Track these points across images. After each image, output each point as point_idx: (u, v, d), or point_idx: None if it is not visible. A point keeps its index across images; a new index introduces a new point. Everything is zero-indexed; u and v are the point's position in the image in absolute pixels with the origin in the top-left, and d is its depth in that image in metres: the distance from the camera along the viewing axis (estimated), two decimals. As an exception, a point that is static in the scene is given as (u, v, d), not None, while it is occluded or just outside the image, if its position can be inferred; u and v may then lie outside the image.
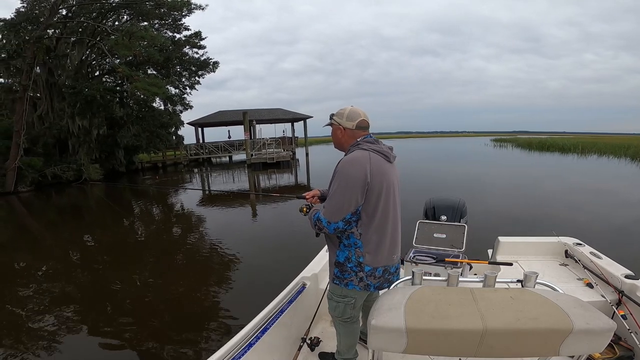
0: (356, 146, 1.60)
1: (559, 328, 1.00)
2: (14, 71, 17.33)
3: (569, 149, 29.16)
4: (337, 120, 1.67)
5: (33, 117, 17.08)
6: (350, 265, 1.61)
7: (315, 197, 1.91)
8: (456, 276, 1.44)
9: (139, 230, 9.16)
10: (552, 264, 2.92)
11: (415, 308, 1.11)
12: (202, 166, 27.34)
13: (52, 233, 9.23)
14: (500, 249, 3.06)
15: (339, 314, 1.73)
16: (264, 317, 1.92)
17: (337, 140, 1.71)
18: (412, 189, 9.95)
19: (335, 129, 1.69)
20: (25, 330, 3.89)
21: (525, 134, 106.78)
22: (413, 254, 2.57)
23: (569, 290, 1.72)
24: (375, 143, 1.60)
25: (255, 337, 1.78)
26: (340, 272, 1.65)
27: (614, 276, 2.32)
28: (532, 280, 1.40)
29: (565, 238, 3.12)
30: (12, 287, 5.24)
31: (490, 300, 1.13)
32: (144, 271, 5.75)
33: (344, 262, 1.62)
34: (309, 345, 2.14)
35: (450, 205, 3.02)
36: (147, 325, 3.91)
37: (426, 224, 2.82)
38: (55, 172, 16.99)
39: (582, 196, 10.33)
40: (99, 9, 17.97)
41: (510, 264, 2.22)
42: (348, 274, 1.62)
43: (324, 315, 2.41)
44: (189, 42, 22.11)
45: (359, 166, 1.51)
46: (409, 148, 44.34)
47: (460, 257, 2.48)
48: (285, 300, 2.14)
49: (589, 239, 3.07)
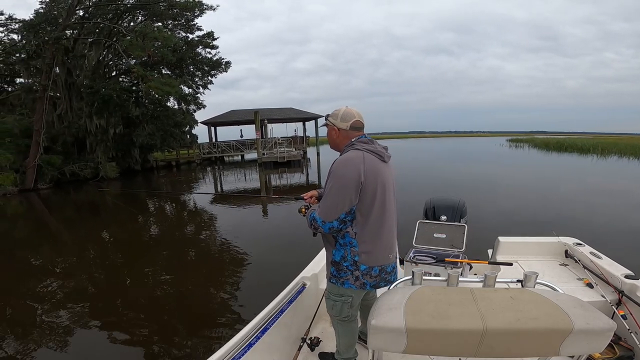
0: (350, 146, 1.61)
1: (559, 328, 0.99)
2: (34, 71, 17.92)
3: (588, 150, 28.36)
4: (332, 121, 1.68)
5: (53, 116, 17.64)
6: (346, 264, 1.62)
7: (313, 198, 1.92)
8: (456, 276, 1.43)
9: (152, 227, 9.37)
10: (552, 264, 2.91)
11: (415, 308, 1.11)
12: (215, 165, 27.70)
13: (69, 229, 9.52)
14: (500, 249, 3.05)
15: (336, 313, 1.75)
16: (264, 317, 1.92)
17: (332, 141, 1.73)
18: (412, 189, 9.89)
19: (330, 130, 1.70)
20: (40, 323, 4.03)
21: (543, 134, 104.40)
22: (413, 254, 2.56)
23: (569, 290, 1.71)
24: (369, 143, 1.61)
25: (255, 337, 1.79)
26: (336, 271, 1.66)
27: (614, 276, 2.31)
28: (532, 280, 1.39)
29: (565, 238, 3.10)
30: (29, 281, 5.43)
31: (490, 300, 1.12)
32: (156, 267, 5.88)
33: (340, 261, 1.63)
34: (309, 345, 2.14)
35: (450, 205, 3.02)
36: (157, 321, 4.00)
37: (426, 224, 2.83)
38: (74, 169, 17.53)
39: (597, 198, 10.01)
40: (114, 10, 18.42)
41: (510, 264, 2.21)
42: (344, 273, 1.64)
43: (324, 315, 2.41)
44: (201, 42, 22.48)
45: (352, 166, 1.52)
46: (416, 148, 43.93)
47: (460, 257, 2.48)
48: (285, 300, 2.14)
49: (604, 241, 3.00)
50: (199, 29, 22.04)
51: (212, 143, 29.70)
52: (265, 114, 27.70)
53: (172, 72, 21.68)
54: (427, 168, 19.44)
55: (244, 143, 28.97)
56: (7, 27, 17.43)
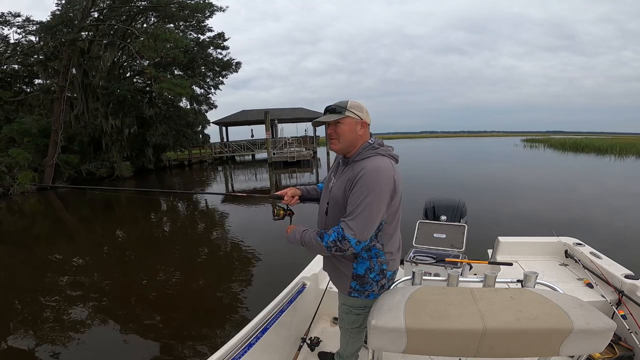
0: (371, 149, 1.44)
1: (559, 328, 0.99)
2: (51, 72, 18.45)
3: (606, 150, 27.60)
4: (358, 114, 1.43)
5: (70, 117, 18.11)
6: (372, 275, 1.50)
7: (295, 198, 1.72)
8: (456, 276, 1.43)
9: (164, 225, 9.54)
10: (552, 264, 2.89)
11: (415, 308, 1.12)
12: (226, 164, 28.02)
13: (85, 226, 9.76)
14: (500, 249, 3.03)
15: (357, 324, 1.66)
16: (264, 317, 1.92)
17: (352, 137, 1.45)
18: (413, 190, 9.81)
19: (354, 125, 1.44)
20: (55, 316, 4.15)
21: (560, 134, 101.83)
22: (413, 254, 2.56)
23: (569, 290, 1.70)
24: (388, 147, 1.50)
25: (255, 337, 1.79)
26: (359, 285, 1.52)
27: (614, 276, 2.29)
28: (532, 280, 1.39)
29: (565, 238, 3.07)
30: (46, 275, 5.61)
31: (490, 300, 1.12)
32: (168, 265, 5.98)
33: (364, 274, 1.50)
34: (309, 345, 2.15)
35: (450, 205, 3.00)
36: (166, 316, 4.08)
37: (426, 224, 2.82)
38: (90, 168, 17.99)
39: (608, 201, 9.69)
40: (127, 11, 18.79)
41: (510, 264, 2.19)
42: (369, 285, 1.51)
43: (324, 315, 2.42)
44: (212, 43, 22.75)
45: (387, 178, 1.37)
46: (421, 147, 43.34)
47: (460, 257, 2.47)
48: (285, 300, 2.14)
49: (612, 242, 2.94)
50: (209, 30, 22.38)
51: (224, 143, 30.08)
52: (275, 114, 27.86)
53: (184, 72, 21.99)
54: (429, 168, 19.21)
55: (255, 143, 29.20)
56: (24, 28, 18.01)
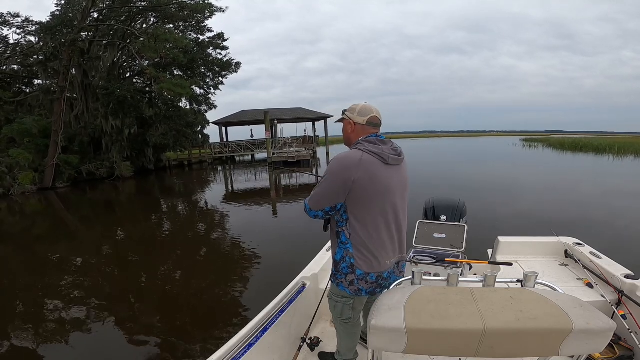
0: (356, 145, 1.57)
1: (559, 328, 0.99)
2: (51, 73, 18.43)
3: (604, 150, 27.60)
4: (349, 115, 1.64)
5: (70, 117, 18.08)
6: (344, 264, 1.58)
7: None
8: (456, 276, 1.43)
9: (165, 225, 9.53)
10: (552, 264, 2.89)
11: (415, 308, 1.11)
12: (226, 164, 27.99)
13: (86, 226, 9.77)
14: (500, 249, 3.03)
15: (337, 313, 1.72)
16: (264, 317, 1.92)
17: (346, 135, 1.68)
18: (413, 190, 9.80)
19: (346, 124, 1.66)
20: (56, 317, 4.16)
21: (559, 134, 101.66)
22: (413, 254, 2.57)
23: (568, 290, 1.69)
24: (376, 144, 1.53)
25: (255, 337, 1.78)
26: (335, 271, 1.63)
27: (614, 276, 2.29)
28: (532, 280, 1.38)
29: (565, 238, 3.07)
30: (45, 277, 5.60)
31: (490, 300, 1.12)
32: (169, 264, 5.98)
33: (339, 260, 1.60)
34: (309, 345, 2.14)
35: (450, 205, 3.02)
36: (166, 316, 4.08)
37: (426, 224, 2.82)
38: (90, 169, 18.00)
39: (604, 200, 9.70)
40: (127, 12, 18.76)
41: (510, 264, 2.18)
42: (340, 275, 1.60)
43: (324, 315, 2.41)
44: (212, 43, 22.75)
45: (344, 167, 1.49)
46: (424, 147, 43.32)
47: (460, 257, 2.47)
48: (285, 300, 2.14)
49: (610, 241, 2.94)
50: (209, 31, 22.40)
51: (223, 143, 30.05)
52: (275, 114, 27.85)
53: (184, 73, 21.98)
54: (429, 167, 19.20)
55: (255, 143, 29.18)
56: (24, 29, 17.99)
